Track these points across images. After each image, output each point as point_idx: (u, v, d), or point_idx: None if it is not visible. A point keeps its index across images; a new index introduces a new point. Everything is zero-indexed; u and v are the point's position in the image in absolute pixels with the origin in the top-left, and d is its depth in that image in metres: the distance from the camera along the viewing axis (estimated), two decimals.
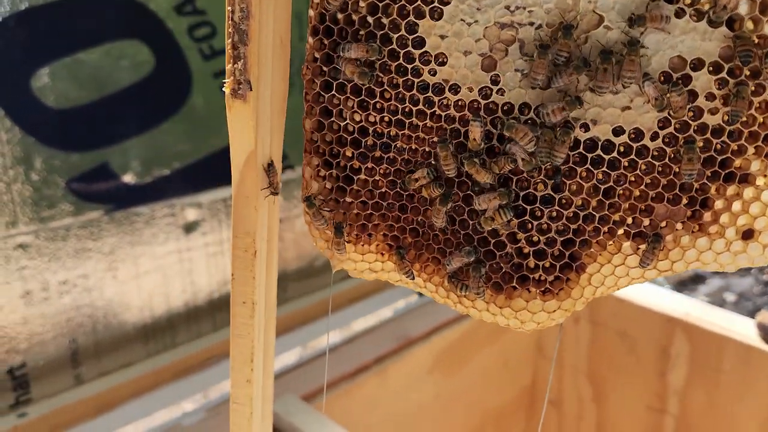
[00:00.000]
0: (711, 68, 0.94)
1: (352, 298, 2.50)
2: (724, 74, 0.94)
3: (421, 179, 1.03)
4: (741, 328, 2.14)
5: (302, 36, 1.97)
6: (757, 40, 0.91)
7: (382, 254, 1.12)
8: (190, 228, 2.09)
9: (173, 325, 2.11)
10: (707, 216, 1.00)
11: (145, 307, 2.03)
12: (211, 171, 2.08)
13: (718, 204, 1.00)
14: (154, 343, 2.08)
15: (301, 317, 2.36)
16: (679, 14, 0.93)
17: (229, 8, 0.95)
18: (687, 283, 4.66)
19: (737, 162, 0.98)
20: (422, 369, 2.29)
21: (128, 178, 1.93)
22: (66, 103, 1.76)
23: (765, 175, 0.97)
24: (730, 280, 4.75)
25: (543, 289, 1.06)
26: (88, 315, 1.93)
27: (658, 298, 2.30)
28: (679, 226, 1.01)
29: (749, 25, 0.93)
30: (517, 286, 1.07)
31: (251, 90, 0.95)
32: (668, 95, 0.92)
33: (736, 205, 0.99)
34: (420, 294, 2.59)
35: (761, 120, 0.95)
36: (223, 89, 0.96)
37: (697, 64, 0.95)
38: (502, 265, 1.07)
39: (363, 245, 1.12)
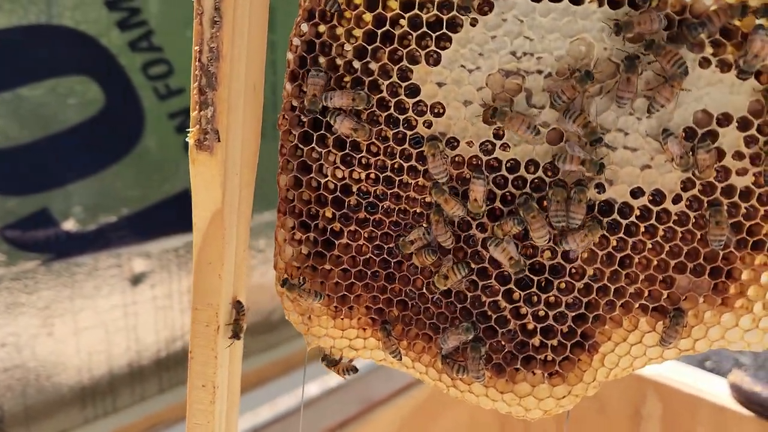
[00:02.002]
0: (739, 124, 0.85)
1: (312, 356, 2.35)
2: (753, 131, 0.85)
3: (417, 241, 0.90)
4: (714, 388, 2.08)
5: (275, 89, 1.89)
6: None
7: (364, 329, 0.99)
8: (137, 280, 1.97)
9: (115, 387, 1.95)
10: (733, 288, 0.90)
11: (83, 368, 1.87)
12: (162, 218, 1.95)
13: (745, 275, 0.90)
14: (93, 408, 1.91)
15: (255, 378, 2.21)
16: (702, 65, 0.84)
17: (197, 48, 0.82)
18: None
19: (766, 228, 0.88)
20: None
21: (70, 225, 1.80)
22: (4, 142, 1.62)
23: None
24: None
25: (551, 371, 0.94)
26: (17, 378, 1.76)
27: None
28: (701, 300, 0.90)
29: None
30: (520, 368, 0.94)
31: (219, 141, 0.82)
32: (696, 153, 0.82)
33: (765, 277, 0.89)
34: None
35: None
36: (187, 140, 0.82)
37: (724, 119, 0.85)
38: (503, 343, 0.94)
39: (343, 319, 0.99)
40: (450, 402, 2.32)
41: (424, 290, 0.95)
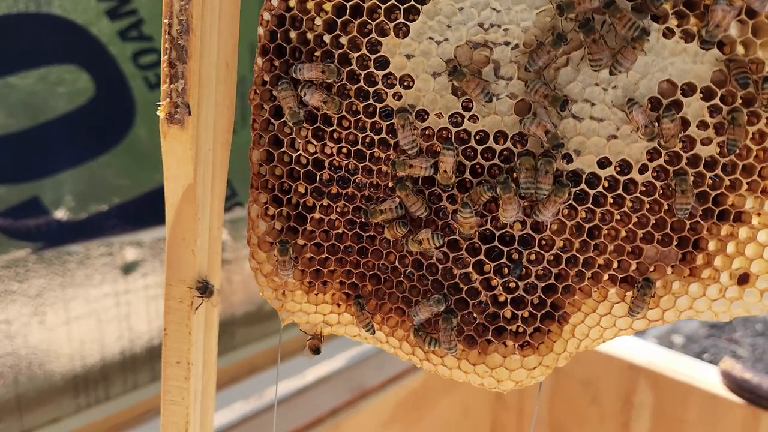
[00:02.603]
0: (703, 94, 0.86)
1: (303, 346, 2.35)
2: (716, 100, 0.86)
3: (387, 212, 0.91)
4: (705, 375, 2.08)
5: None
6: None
7: (339, 305, 1.00)
8: (128, 269, 1.95)
9: (107, 375, 1.94)
10: (700, 259, 0.91)
11: (75, 356, 1.86)
12: (153, 207, 1.94)
13: (711, 245, 0.91)
14: (85, 396, 1.90)
15: (248, 366, 2.22)
16: (667, 35, 0.85)
17: (166, 21, 0.83)
18: None
19: (731, 199, 0.89)
20: (379, 421, 2.16)
21: (61, 214, 1.78)
22: None
23: (760, 214, 0.89)
24: (678, 322, 4.79)
25: (522, 342, 0.95)
26: (9, 365, 1.75)
27: (621, 344, 2.23)
28: (669, 270, 0.91)
29: (740, 49, 0.85)
30: (492, 339, 0.95)
31: (190, 115, 0.83)
32: (661, 122, 0.83)
33: (731, 247, 0.90)
34: None
35: (756, 152, 0.87)
36: (158, 113, 0.83)
37: (688, 90, 0.86)
38: (475, 315, 0.95)
39: (317, 294, 0.99)
40: (442, 391, 2.33)
41: (397, 264, 0.96)
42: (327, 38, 0.91)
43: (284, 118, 0.92)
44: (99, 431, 1.88)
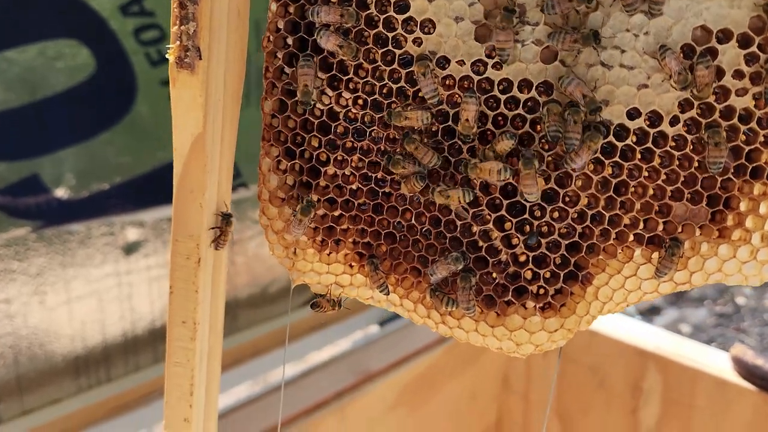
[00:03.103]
0: (739, 41, 0.82)
1: (307, 329, 2.35)
2: (754, 48, 0.81)
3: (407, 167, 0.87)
4: (715, 361, 2.07)
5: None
6: None
7: (351, 265, 0.96)
8: (130, 249, 1.93)
9: (109, 356, 1.92)
10: (730, 219, 0.87)
11: (76, 337, 1.84)
12: (156, 186, 1.92)
13: (743, 205, 0.86)
14: (87, 378, 1.88)
15: (251, 349, 2.21)
16: None
17: None
18: (644, 314, 4.65)
19: (765, 155, 0.85)
20: (384, 405, 2.13)
21: (61, 192, 1.76)
22: None
23: None
24: (685, 311, 4.79)
25: (543, 304, 0.91)
26: (9, 345, 1.73)
27: (629, 329, 2.21)
28: (698, 230, 0.87)
29: None
30: (513, 301, 0.91)
31: (201, 59, 0.79)
32: (695, 69, 0.79)
33: (764, 207, 0.86)
34: (381, 324, 2.53)
35: None
36: (166, 56, 0.79)
37: (724, 37, 0.82)
38: (495, 274, 0.91)
39: (330, 253, 0.95)
40: (448, 375, 2.31)
41: (413, 222, 0.92)
42: None
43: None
44: (100, 413, 1.86)
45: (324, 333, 2.39)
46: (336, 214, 0.94)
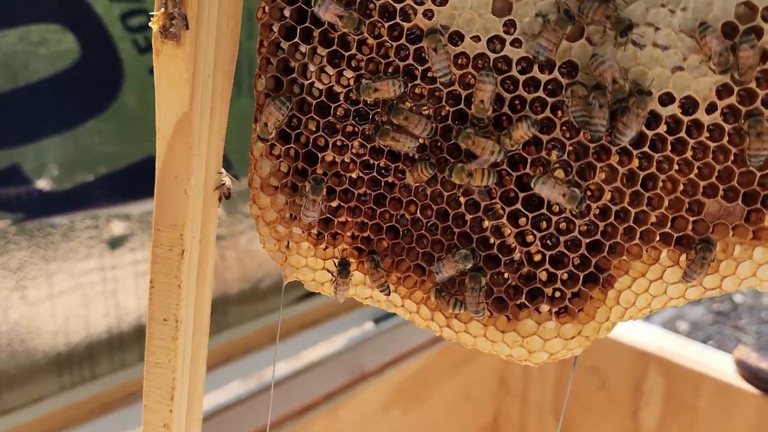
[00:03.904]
0: None
1: (300, 326, 2.31)
2: None
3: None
4: (718, 363, 2.04)
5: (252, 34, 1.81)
6: None
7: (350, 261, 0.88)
8: (116, 243, 1.89)
9: (93, 353, 1.87)
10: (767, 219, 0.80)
11: (59, 333, 1.79)
12: (143, 178, 1.87)
13: None
14: (70, 375, 1.83)
15: (242, 347, 2.16)
16: None
17: None
18: None
19: None
20: (377, 405, 2.09)
21: (43, 184, 1.71)
22: None
23: None
24: (683, 308, 4.79)
25: (559, 308, 0.84)
26: None
27: (631, 330, 2.18)
28: (731, 231, 0.80)
29: None
30: (526, 304, 0.84)
31: (187, 29, 0.72)
32: (738, 49, 0.72)
33: None
34: (376, 321, 2.47)
35: None
36: (150, 24, 0.72)
37: None
38: (507, 275, 0.84)
39: (326, 248, 0.88)
40: (443, 376, 2.26)
41: (419, 215, 0.85)
42: None
43: (296, 40, 0.80)
44: (84, 411, 1.83)
45: (318, 330, 2.36)
46: (334, 204, 0.87)
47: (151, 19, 0.73)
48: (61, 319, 1.77)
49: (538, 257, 0.84)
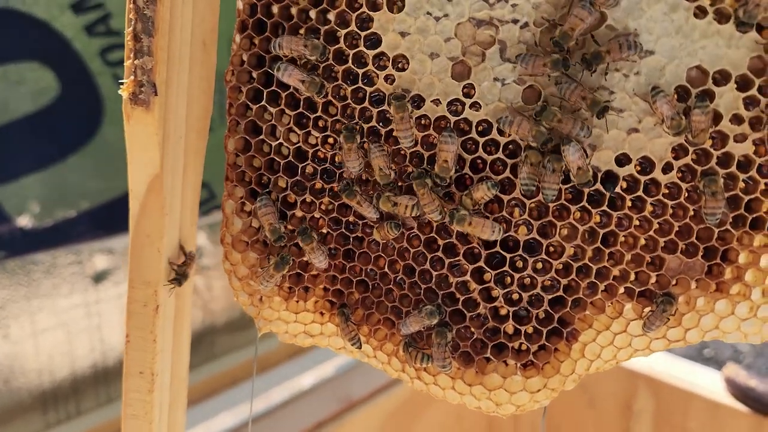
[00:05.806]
0: (738, 83, 0.76)
1: (288, 354, 2.30)
2: (753, 91, 0.76)
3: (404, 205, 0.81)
4: (708, 382, 2.04)
5: None
6: None
7: (322, 314, 0.90)
8: (99, 277, 1.88)
9: (78, 390, 1.86)
10: (728, 272, 0.81)
11: (43, 370, 1.78)
12: (125, 212, 1.85)
13: (742, 257, 0.81)
14: (55, 413, 1.82)
15: (230, 377, 2.14)
16: (698, 15, 0.75)
17: None
18: None
19: (766, 205, 0.79)
20: None
21: (24, 221, 1.70)
22: None
23: None
24: None
25: (525, 362, 0.84)
26: None
27: None
28: (693, 284, 0.81)
29: None
30: (491, 358, 0.85)
31: (156, 95, 0.73)
32: (691, 114, 0.73)
33: (765, 260, 0.80)
34: None
35: None
36: (120, 92, 0.73)
37: (721, 78, 0.76)
38: (473, 329, 0.84)
39: (297, 301, 0.89)
40: (433, 401, 2.25)
41: (387, 270, 0.86)
42: (313, 13, 0.81)
43: (263, 102, 0.81)
44: None
45: (306, 357, 2.34)
46: (304, 259, 0.87)
47: (121, 86, 0.74)
48: (45, 357, 1.76)
49: (503, 311, 0.84)
